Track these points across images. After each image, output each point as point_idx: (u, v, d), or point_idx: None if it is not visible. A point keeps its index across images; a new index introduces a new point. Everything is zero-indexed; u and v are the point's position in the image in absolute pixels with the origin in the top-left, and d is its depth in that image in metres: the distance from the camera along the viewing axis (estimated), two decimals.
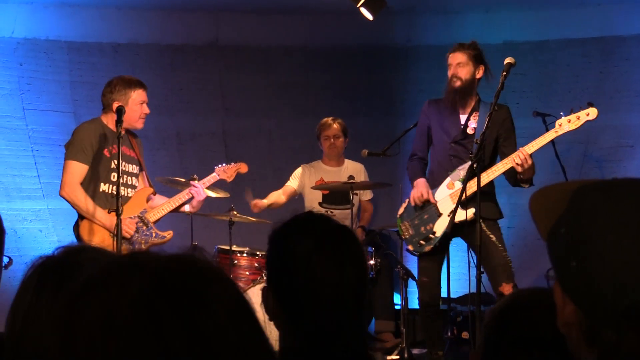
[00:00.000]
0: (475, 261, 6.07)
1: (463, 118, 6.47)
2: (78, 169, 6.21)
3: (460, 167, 6.37)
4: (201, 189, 6.57)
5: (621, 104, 9.12)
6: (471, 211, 6.16)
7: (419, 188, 6.50)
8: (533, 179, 6.27)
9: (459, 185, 6.32)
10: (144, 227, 6.38)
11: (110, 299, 1.12)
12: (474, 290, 6.04)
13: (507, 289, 6.05)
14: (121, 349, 1.09)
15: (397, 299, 7.96)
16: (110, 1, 9.20)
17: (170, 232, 6.52)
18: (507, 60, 5.93)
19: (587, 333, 1.46)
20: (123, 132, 5.99)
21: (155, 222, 6.46)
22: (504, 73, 5.90)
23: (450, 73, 6.44)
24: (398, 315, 7.67)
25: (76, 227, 6.29)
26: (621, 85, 9.15)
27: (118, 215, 5.84)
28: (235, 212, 7.21)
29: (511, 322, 1.95)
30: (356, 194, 7.76)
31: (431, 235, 6.41)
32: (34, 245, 8.81)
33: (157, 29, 9.46)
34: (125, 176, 6.33)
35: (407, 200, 6.66)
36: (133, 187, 6.46)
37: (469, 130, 6.42)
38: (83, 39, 9.28)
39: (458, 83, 6.39)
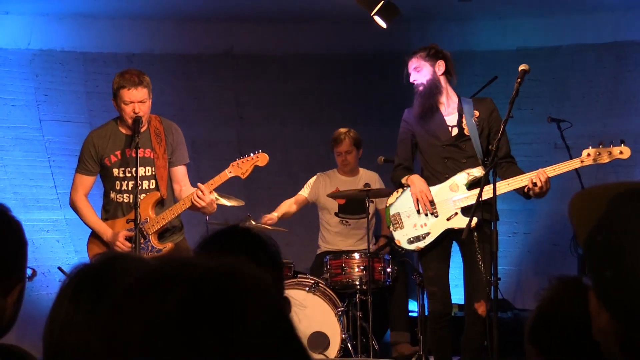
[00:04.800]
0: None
1: (449, 119, 6.23)
2: (76, 180, 6.23)
3: (468, 170, 6.11)
4: (205, 196, 5.91)
5: (635, 109, 9.10)
6: (474, 219, 5.83)
7: (421, 186, 6.20)
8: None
9: (464, 189, 6.11)
10: (142, 240, 5.97)
11: (150, 310, 1.13)
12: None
13: (481, 308, 5.85)
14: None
15: (413, 306, 7.94)
16: (125, 12, 9.23)
17: (169, 244, 6.12)
18: (522, 67, 5.77)
19: (622, 342, 1.46)
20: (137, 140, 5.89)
21: (157, 232, 6.06)
22: (519, 80, 5.73)
23: (410, 80, 6.31)
24: (413, 323, 7.63)
25: None
26: (635, 90, 9.13)
27: (136, 224, 5.81)
28: (252, 221, 7.22)
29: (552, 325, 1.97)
30: (372, 202, 7.72)
31: (424, 235, 6.20)
32: (51, 255, 8.84)
33: (172, 38, 9.50)
34: (130, 182, 6.06)
35: (399, 190, 6.37)
36: (145, 191, 6.09)
37: (466, 132, 6.16)
38: (98, 49, 9.33)
39: (420, 87, 6.26)
